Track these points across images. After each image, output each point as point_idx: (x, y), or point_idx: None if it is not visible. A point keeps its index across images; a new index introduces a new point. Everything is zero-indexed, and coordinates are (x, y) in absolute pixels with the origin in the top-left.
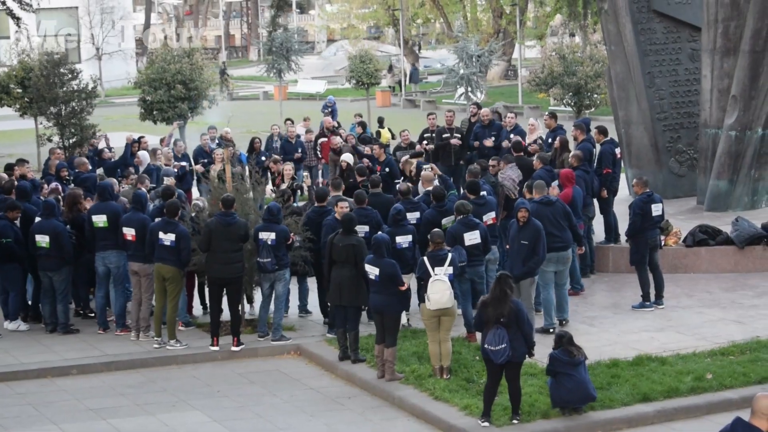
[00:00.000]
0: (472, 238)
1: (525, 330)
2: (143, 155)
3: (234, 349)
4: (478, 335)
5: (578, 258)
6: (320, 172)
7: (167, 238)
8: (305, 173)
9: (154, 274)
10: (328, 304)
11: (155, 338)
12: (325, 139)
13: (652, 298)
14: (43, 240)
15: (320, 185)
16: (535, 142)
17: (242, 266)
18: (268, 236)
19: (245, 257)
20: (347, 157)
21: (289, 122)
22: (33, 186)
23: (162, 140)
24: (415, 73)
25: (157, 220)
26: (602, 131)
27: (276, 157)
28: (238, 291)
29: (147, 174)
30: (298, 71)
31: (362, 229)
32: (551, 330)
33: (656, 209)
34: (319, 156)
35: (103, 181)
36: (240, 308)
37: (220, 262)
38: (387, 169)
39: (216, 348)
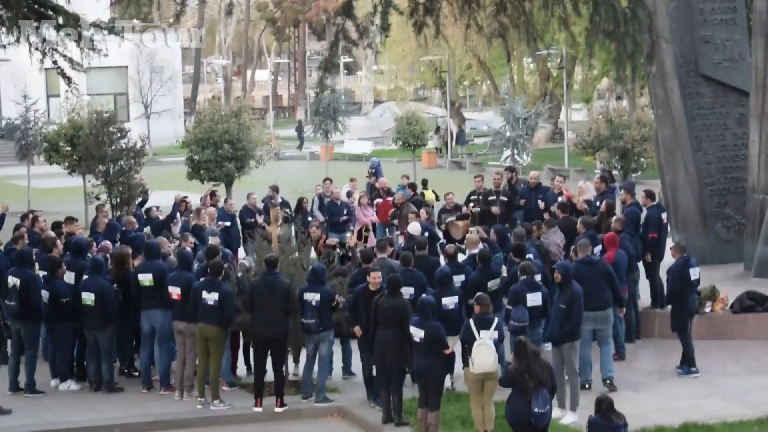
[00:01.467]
0: (534, 299)
1: (555, 389)
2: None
3: (277, 410)
4: None
5: (623, 323)
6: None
7: (210, 297)
8: (349, 234)
9: (197, 334)
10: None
11: (199, 398)
12: (381, 200)
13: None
14: (88, 298)
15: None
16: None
17: (286, 326)
18: (312, 297)
19: (291, 318)
20: (414, 228)
21: (328, 181)
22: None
23: (201, 199)
24: (461, 135)
25: (200, 279)
26: (649, 195)
27: (315, 223)
28: (283, 351)
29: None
30: (345, 132)
31: (407, 291)
32: (587, 386)
33: (694, 273)
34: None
35: (150, 239)
36: (284, 369)
37: (263, 322)
38: (426, 233)
39: (259, 409)
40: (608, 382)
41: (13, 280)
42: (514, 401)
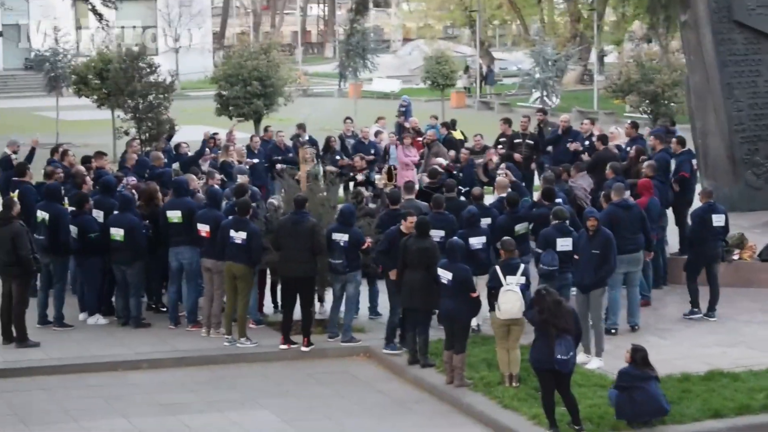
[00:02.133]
0: (564, 244)
1: (579, 336)
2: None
3: (304, 349)
4: None
5: (651, 268)
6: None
7: (238, 236)
8: (377, 175)
9: (225, 272)
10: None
11: (226, 335)
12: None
13: (704, 309)
14: (117, 233)
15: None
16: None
17: (314, 265)
18: (340, 238)
19: (318, 258)
20: (439, 162)
21: (348, 121)
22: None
23: (227, 135)
24: (490, 75)
25: (229, 217)
26: (680, 141)
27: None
28: (311, 291)
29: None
30: (374, 70)
31: (437, 234)
32: (613, 331)
33: (718, 220)
34: None
35: (179, 176)
36: (312, 308)
37: (290, 261)
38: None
39: (285, 347)
40: (636, 328)
41: (42, 215)
42: (538, 347)
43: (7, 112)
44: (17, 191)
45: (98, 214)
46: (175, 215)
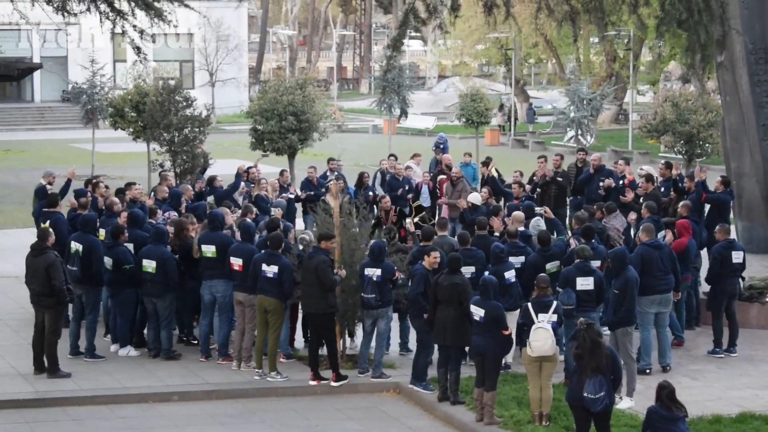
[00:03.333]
0: (584, 283)
1: (617, 377)
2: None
3: (334, 384)
4: None
5: (683, 306)
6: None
7: (270, 270)
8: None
9: (257, 306)
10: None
11: (256, 369)
12: (444, 177)
13: (724, 345)
14: (149, 265)
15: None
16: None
17: (326, 302)
18: (373, 273)
19: (349, 292)
20: (474, 198)
21: (392, 158)
22: (143, 211)
23: (248, 169)
24: (530, 114)
25: (261, 251)
26: (724, 182)
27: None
28: (327, 327)
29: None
30: (409, 107)
31: (468, 270)
32: (647, 371)
33: (737, 257)
34: (438, 194)
35: (213, 209)
36: (340, 343)
37: (305, 297)
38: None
39: (314, 382)
40: (667, 368)
41: (75, 246)
42: (573, 383)
43: (44, 144)
44: (48, 221)
45: (129, 247)
46: (209, 249)
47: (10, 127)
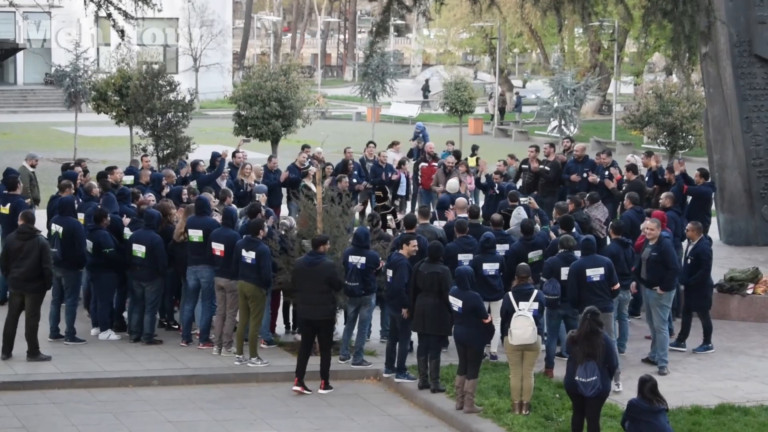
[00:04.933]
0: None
1: (612, 365)
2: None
3: (321, 392)
4: (556, 371)
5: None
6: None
7: (249, 255)
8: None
9: (238, 292)
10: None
11: (237, 355)
12: (426, 165)
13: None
14: (139, 250)
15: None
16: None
17: (333, 307)
18: (357, 260)
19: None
20: (452, 185)
21: (372, 145)
22: (124, 195)
23: (233, 154)
24: (519, 102)
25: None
26: (704, 174)
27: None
28: (329, 333)
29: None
30: (392, 94)
31: (466, 257)
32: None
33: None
34: (419, 181)
35: (200, 195)
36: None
37: (308, 304)
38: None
39: (297, 388)
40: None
41: (56, 228)
42: (567, 369)
43: (27, 127)
44: (8, 205)
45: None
46: (196, 234)
47: None
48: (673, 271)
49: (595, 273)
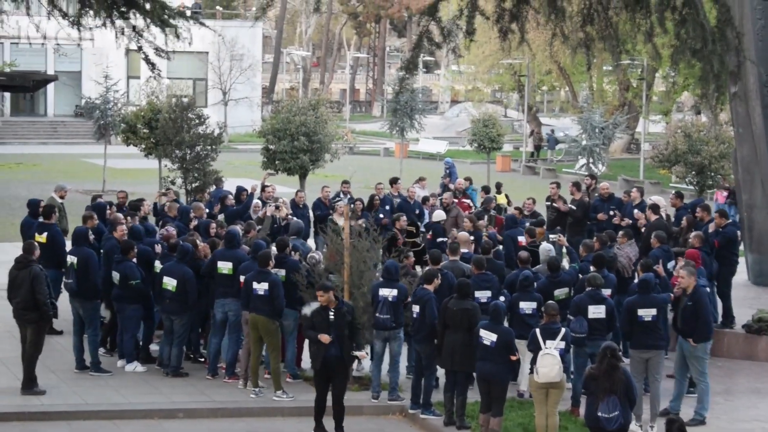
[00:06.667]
0: (596, 312)
1: (633, 400)
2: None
3: None
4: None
5: None
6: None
7: (261, 287)
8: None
9: (249, 324)
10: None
11: (252, 388)
12: (456, 201)
13: None
14: (170, 283)
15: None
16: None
17: (345, 347)
18: (389, 293)
19: (356, 313)
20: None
21: (399, 183)
22: (146, 230)
23: (262, 188)
24: (552, 140)
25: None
26: (723, 215)
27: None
28: (343, 378)
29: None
30: (420, 130)
31: (484, 294)
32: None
33: None
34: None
35: (230, 228)
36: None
37: (320, 344)
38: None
39: None
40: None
41: (71, 259)
42: (588, 404)
43: (56, 158)
44: (45, 234)
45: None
46: (226, 267)
47: (22, 140)
48: (704, 323)
49: (647, 313)
